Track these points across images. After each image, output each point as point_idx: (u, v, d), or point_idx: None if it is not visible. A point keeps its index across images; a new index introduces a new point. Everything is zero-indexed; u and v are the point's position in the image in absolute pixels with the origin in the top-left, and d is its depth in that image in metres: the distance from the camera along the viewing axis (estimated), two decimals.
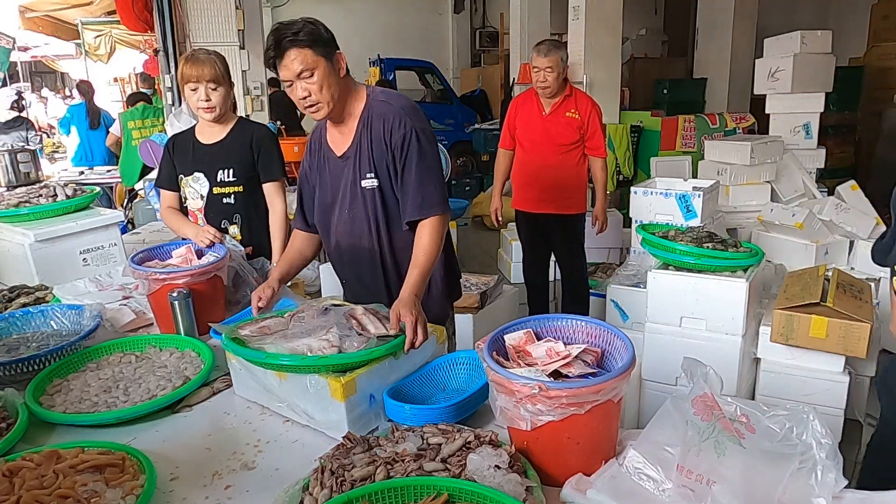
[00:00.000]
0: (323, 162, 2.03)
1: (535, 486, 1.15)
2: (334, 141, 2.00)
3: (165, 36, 5.40)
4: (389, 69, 10.13)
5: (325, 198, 2.04)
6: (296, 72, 1.77)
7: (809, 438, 1.12)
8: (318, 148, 2.05)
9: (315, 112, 1.84)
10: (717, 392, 1.19)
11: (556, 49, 3.63)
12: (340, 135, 1.98)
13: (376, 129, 1.90)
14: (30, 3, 8.28)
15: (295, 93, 1.81)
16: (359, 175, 1.94)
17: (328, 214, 2.05)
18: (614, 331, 1.39)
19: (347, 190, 1.97)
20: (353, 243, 2.02)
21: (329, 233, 2.08)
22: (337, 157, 1.99)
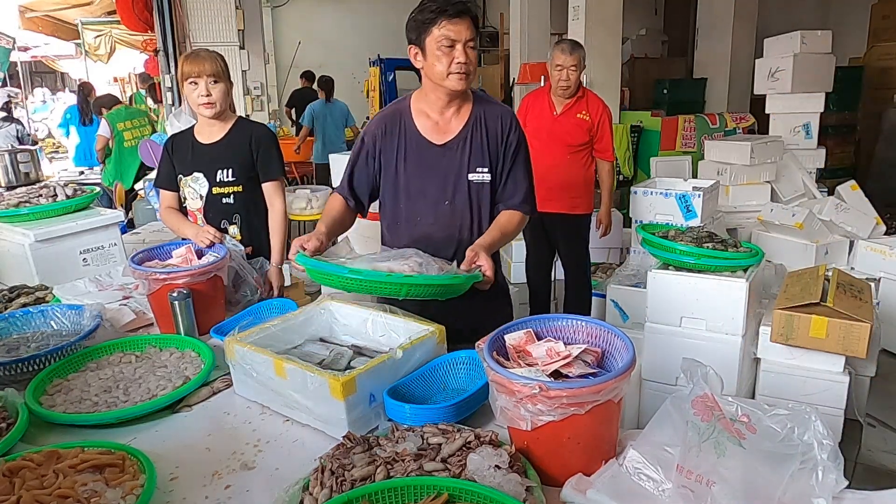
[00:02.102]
0: (410, 148, 1.95)
1: (535, 486, 1.15)
2: (428, 129, 1.95)
3: (165, 36, 5.40)
4: (389, 69, 10.13)
5: (413, 185, 1.96)
6: (466, 37, 1.79)
7: (811, 439, 1.12)
8: (401, 132, 1.96)
9: (462, 80, 1.83)
10: (718, 392, 1.19)
11: (578, 47, 3.64)
12: (437, 124, 1.94)
13: (492, 127, 1.94)
14: (30, 3, 8.29)
15: (452, 54, 1.80)
16: (467, 167, 1.93)
17: (415, 202, 1.97)
18: (614, 331, 1.39)
19: (451, 181, 1.93)
20: (451, 234, 1.96)
21: (412, 220, 1.98)
22: (437, 145, 1.94)
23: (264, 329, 1.73)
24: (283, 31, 12.60)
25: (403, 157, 1.95)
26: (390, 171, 1.97)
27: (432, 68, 1.84)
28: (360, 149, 2.02)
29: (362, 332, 1.83)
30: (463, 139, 1.93)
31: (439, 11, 1.78)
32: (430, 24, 1.80)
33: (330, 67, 12.44)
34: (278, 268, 2.51)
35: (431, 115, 1.95)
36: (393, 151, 1.96)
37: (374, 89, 10.39)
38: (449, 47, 1.79)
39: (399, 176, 1.96)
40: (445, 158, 1.93)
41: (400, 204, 1.99)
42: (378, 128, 1.98)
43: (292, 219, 5.27)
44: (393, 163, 1.96)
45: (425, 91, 1.96)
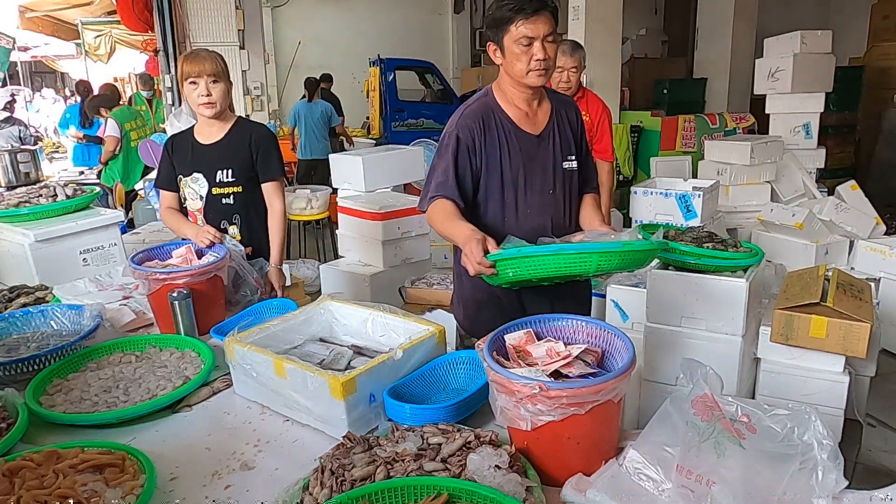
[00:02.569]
0: (511, 140, 1.93)
1: (535, 486, 1.15)
2: (520, 119, 1.95)
3: (165, 36, 5.41)
4: (389, 69, 10.13)
5: (513, 176, 1.94)
6: (544, 32, 1.79)
7: (811, 439, 1.12)
8: (498, 125, 1.93)
9: (542, 77, 1.84)
10: (718, 392, 1.19)
11: (578, 48, 3.63)
12: (528, 115, 1.96)
13: (569, 116, 2.02)
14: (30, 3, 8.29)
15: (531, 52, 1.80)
16: (561, 156, 1.98)
17: (523, 193, 1.95)
18: (614, 331, 1.39)
19: (550, 170, 1.97)
20: (557, 223, 1.99)
21: (522, 212, 1.96)
22: (533, 136, 1.96)
23: (264, 329, 1.73)
24: (284, 31, 12.61)
25: (507, 150, 1.93)
26: (494, 165, 1.94)
27: (512, 66, 1.85)
28: (456, 148, 1.91)
29: (362, 332, 1.83)
30: (552, 129, 1.98)
31: (516, 10, 1.78)
32: (507, 24, 1.80)
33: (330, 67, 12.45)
34: (278, 268, 2.51)
35: (521, 107, 1.95)
36: (495, 145, 1.93)
37: (374, 89, 10.39)
38: (527, 45, 1.80)
39: (504, 169, 1.94)
40: (542, 148, 1.96)
41: (507, 198, 1.95)
42: (474, 123, 1.92)
43: (292, 219, 5.28)
44: (497, 156, 1.93)
45: (505, 85, 1.96)
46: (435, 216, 1.89)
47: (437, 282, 3.32)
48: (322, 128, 7.70)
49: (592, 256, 1.49)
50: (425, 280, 3.36)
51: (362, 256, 4.01)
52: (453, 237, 1.79)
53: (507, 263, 1.56)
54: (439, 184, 1.91)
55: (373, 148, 4.99)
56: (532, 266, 1.53)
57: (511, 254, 1.55)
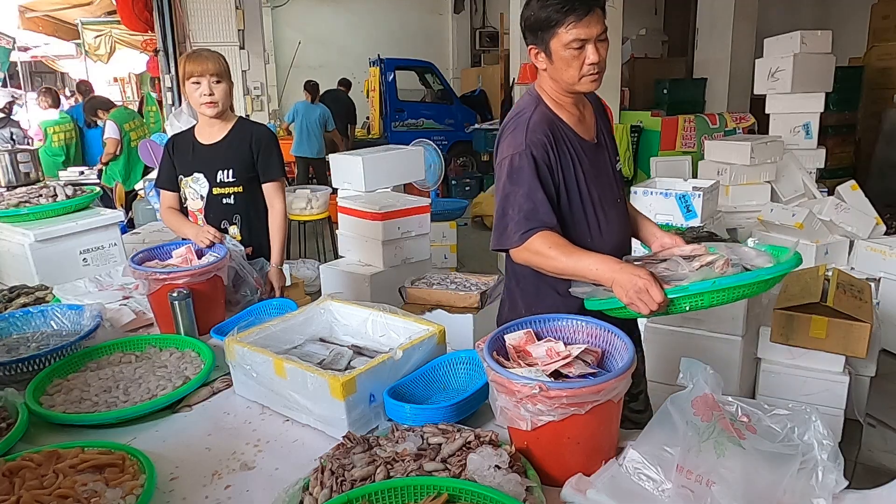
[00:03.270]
0: (577, 151, 1.73)
1: (535, 486, 1.15)
2: (577, 125, 1.77)
3: (165, 36, 5.41)
4: (389, 69, 10.14)
5: (592, 189, 1.74)
6: (597, 32, 1.60)
7: (811, 439, 1.12)
8: (563, 136, 1.72)
9: (595, 82, 1.67)
10: (718, 392, 1.19)
11: None
12: (580, 120, 1.78)
13: (603, 113, 1.89)
14: (30, 3, 8.29)
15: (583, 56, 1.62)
16: (614, 159, 1.85)
17: (599, 208, 1.75)
18: (614, 331, 1.39)
19: (612, 177, 1.81)
20: (629, 236, 1.86)
21: (604, 228, 1.76)
22: (591, 142, 1.79)
23: (264, 329, 1.73)
24: (283, 31, 12.61)
25: (578, 162, 1.72)
26: (571, 179, 1.72)
27: (560, 72, 1.66)
28: (534, 168, 1.66)
29: (362, 332, 1.83)
30: (600, 130, 1.83)
31: (566, 11, 1.57)
32: (555, 26, 1.59)
33: (330, 67, 12.48)
34: (278, 268, 2.51)
35: (573, 112, 1.77)
36: (567, 159, 1.72)
37: (374, 89, 10.40)
38: (579, 49, 1.61)
39: (580, 184, 1.73)
40: (600, 154, 1.80)
41: (588, 216, 1.74)
42: (545, 136, 1.69)
43: (292, 219, 5.28)
44: (571, 170, 1.72)
45: (549, 88, 1.75)
46: (545, 253, 1.60)
47: (437, 282, 3.31)
48: (318, 129, 8.11)
49: (769, 282, 1.41)
50: (425, 280, 3.35)
51: (362, 256, 4.01)
52: (587, 273, 1.54)
53: (687, 299, 1.41)
54: (528, 213, 1.63)
55: (373, 148, 4.99)
56: (714, 298, 1.41)
57: (701, 287, 1.39)
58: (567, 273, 1.60)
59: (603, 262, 1.52)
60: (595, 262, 1.53)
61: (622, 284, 1.45)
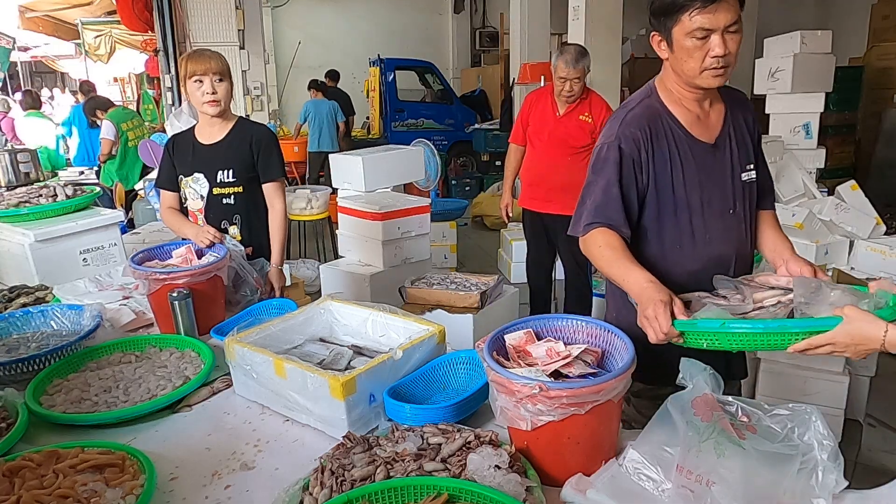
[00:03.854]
0: (682, 150, 1.60)
1: (535, 485, 1.15)
2: (692, 123, 1.62)
3: (165, 36, 5.41)
4: (389, 69, 10.14)
5: (687, 194, 1.60)
6: (725, 22, 1.45)
7: (811, 439, 1.12)
8: (667, 132, 1.61)
9: (719, 77, 1.52)
10: (718, 393, 1.19)
11: (583, 57, 3.56)
12: (699, 118, 1.63)
13: (745, 116, 1.70)
14: (30, 3, 8.29)
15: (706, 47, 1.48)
16: (739, 167, 1.65)
17: (700, 215, 1.62)
18: (614, 331, 1.40)
19: (729, 185, 1.64)
20: (739, 249, 1.66)
21: (702, 238, 1.62)
22: (707, 144, 1.62)
23: (264, 329, 1.73)
24: (283, 31, 12.62)
25: (679, 162, 1.60)
26: (665, 181, 1.60)
27: (682, 64, 1.53)
28: (619, 162, 1.59)
29: (362, 332, 1.83)
30: (728, 133, 1.65)
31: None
32: (679, 11, 1.47)
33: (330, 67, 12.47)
34: (279, 268, 2.51)
35: (691, 109, 1.63)
36: (665, 157, 1.59)
37: (374, 89, 10.41)
38: (702, 39, 1.47)
39: (677, 186, 1.60)
40: (718, 159, 1.63)
41: (681, 222, 1.62)
42: (639, 131, 1.60)
43: (292, 219, 5.28)
44: (667, 171, 1.59)
45: (670, 83, 1.64)
46: (596, 251, 1.58)
47: (437, 282, 3.31)
48: (330, 123, 8.57)
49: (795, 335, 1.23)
50: (425, 280, 3.35)
51: (362, 256, 4.01)
52: (624, 285, 1.49)
53: (703, 335, 1.31)
54: (598, 206, 1.59)
55: (373, 148, 4.99)
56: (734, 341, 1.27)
57: (709, 327, 1.29)
58: (606, 275, 1.57)
59: (640, 280, 1.44)
60: (632, 277, 1.46)
61: (642, 303, 1.39)
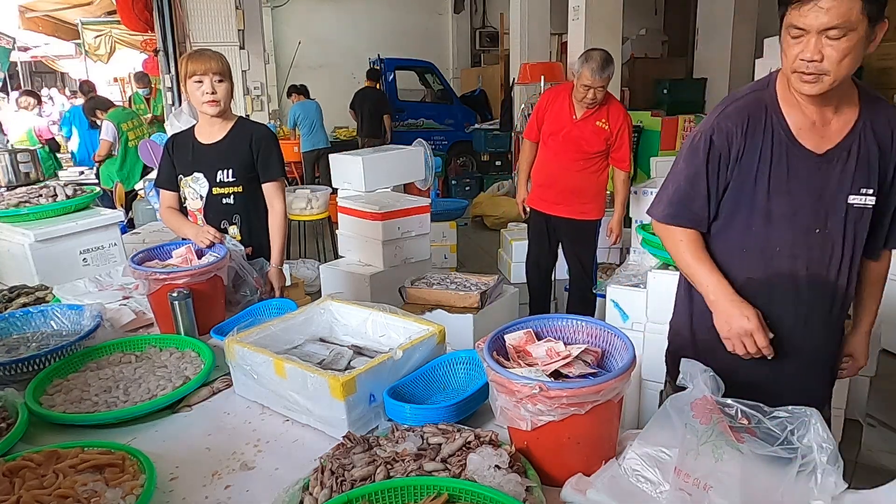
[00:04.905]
0: (779, 154, 1.49)
1: (534, 485, 1.15)
2: (802, 128, 1.49)
3: (165, 36, 5.40)
4: (389, 69, 10.14)
5: (777, 204, 1.51)
6: (823, 24, 1.30)
7: (810, 441, 1.12)
8: (768, 131, 1.49)
9: (806, 83, 1.38)
10: (718, 395, 1.19)
11: (609, 65, 3.45)
12: (815, 124, 1.48)
13: (882, 133, 1.47)
14: (30, 3, 8.29)
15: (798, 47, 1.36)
16: (849, 186, 1.48)
17: (776, 227, 1.52)
18: (614, 331, 1.40)
19: (826, 202, 1.49)
20: (818, 273, 1.53)
21: (769, 250, 1.54)
22: (815, 154, 1.48)
23: (264, 329, 1.73)
24: (283, 30, 12.61)
25: (769, 164, 1.49)
26: (748, 181, 1.52)
27: (783, 57, 1.42)
28: (707, 153, 1.52)
29: (362, 331, 1.83)
30: (847, 149, 1.47)
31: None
32: (786, 3, 1.36)
33: (329, 67, 12.47)
34: (278, 268, 2.51)
35: (807, 112, 1.48)
36: (755, 156, 1.50)
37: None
38: (797, 38, 1.35)
39: (759, 191, 1.51)
40: (822, 172, 1.48)
41: (754, 225, 1.54)
42: (735, 125, 1.50)
43: (292, 219, 5.29)
44: (753, 171, 1.50)
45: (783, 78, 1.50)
46: (674, 246, 1.59)
47: (436, 282, 3.31)
48: (320, 122, 8.63)
49: None
50: (425, 280, 3.35)
51: (362, 256, 4.01)
52: (699, 282, 1.51)
53: None
54: (683, 198, 1.57)
55: (372, 148, 4.99)
56: None
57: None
58: (683, 269, 1.59)
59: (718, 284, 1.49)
60: (709, 279, 1.51)
61: (727, 316, 1.42)
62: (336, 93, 11.25)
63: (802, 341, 1.58)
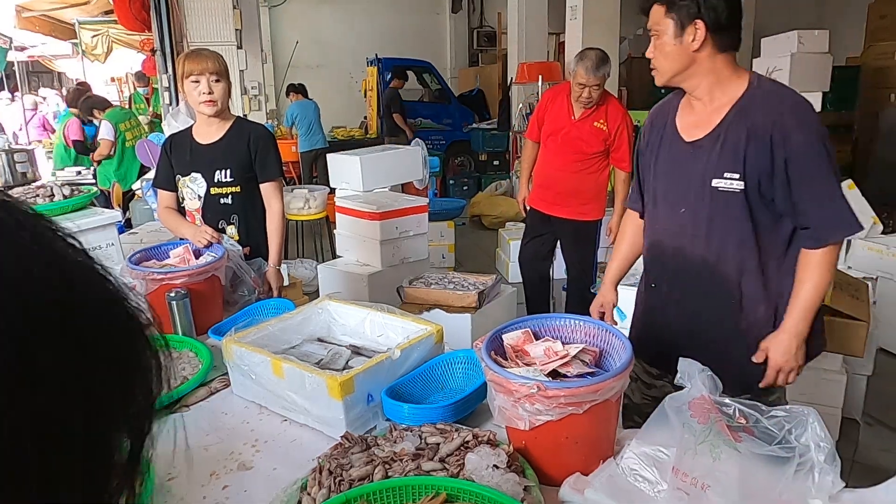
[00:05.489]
0: (661, 143, 1.76)
1: (533, 485, 1.15)
2: (685, 123, 1.72)
3: (163, 36, 5.39)
4: (387, 69, 10.13)
5: (659, 187, 1.77)
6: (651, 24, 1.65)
7: (808, 440, 1.12)
8: (662, 126, 1.77)
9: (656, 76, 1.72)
10: (715, 394, 1.19)
11: (604, 64, 3.45)
12: (704, 119, 1.67)
13: (760, 123, 1.57)
14: (26, 3, 8.26)
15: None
16: (712, 172, 1.63)
17: (656, 206, 1.79)
18: (612, 330, 1.40)
19: (690, 186, 1.68)
20: (680, 246, 1.73)
21: (651, 225, 1.84)
22: (685, 141, 1.70)
23: (262, 329, 1.73)
24: (281, 30, 12.60)
25: (656, 152, 1.77)
26: (649, 171, 1.80)
27: None
28: (637, 149, 1.85)
29: (360, 331, 1.83)
30: (716, 137, 1.63)
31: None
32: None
33: (327, 67, 12.46)
34: (276, 268, 2.51)
35: (696, 107, 1.71)
36: (652, 147, 1.79)
37: (372, 89, 10.39)
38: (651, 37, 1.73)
39: (651, 177, 1.79)
40: (692, 158, 1.67)
41: (649, 207, 1.84)
42: (650, 121, 1.82)
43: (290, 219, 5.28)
44: (651, 162, 1.79)
45: None
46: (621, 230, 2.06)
47: (435, 281, 3.31)
48: (317, 121, 8.63)
49: None
50: (423, 280, 3.35)
51: (360, 256, 4.01)
52: None
53: None
54: (635, 186, 1.92)
55: (370, 147, 4.99)
56: None
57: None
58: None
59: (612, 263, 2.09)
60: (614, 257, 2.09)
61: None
62: (334, 92, 11.27)
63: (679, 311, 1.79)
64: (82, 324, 0.34)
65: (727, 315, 1.70)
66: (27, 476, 0.30)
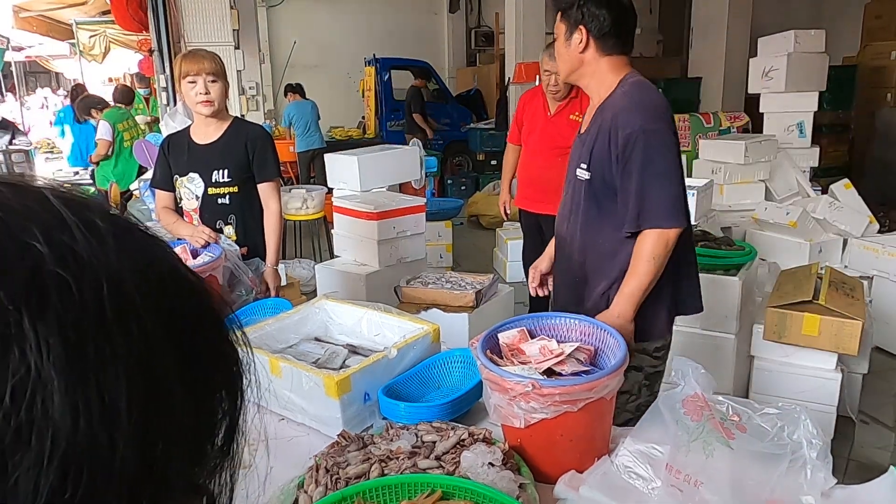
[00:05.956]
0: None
1: (528, 483, 1.16)
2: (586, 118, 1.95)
3: (160, 36, 5.39)
4: (385, 69, 10.13)
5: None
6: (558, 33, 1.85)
7: (800, 437, 1.13)
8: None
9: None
10: (709, 392, 1.20)
11: None
12: (589, 114, 1.93)
13: (608, 120, 1.75)
14: (24, 3, 8.26)
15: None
16: (577, 161, 1.90)
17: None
18: (607, 329, 1.41)
19: (572, 171, 1.95)
20: (559, 224, 2.02)
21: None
22: (579, 134, 1.97)
23: (259, 328, 1.73)
24: (279, 30, 12.59)
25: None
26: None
27: None
28: None
29: (357, 330, 1.84)
30: (587, 131, 1.87)
31: None
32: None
33: (325, 67, 12.45)
34: (274, 268, 2.51)
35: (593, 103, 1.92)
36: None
37: (370, 89, 10.40)
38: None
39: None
40: (574, 149, 1.96)
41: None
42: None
43: (287, 218, 5.28)
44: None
45: None
46: None
47: (432, 281, 3.32)
48: (314, 121, 8.59)
49: None
50: (421, 279, 3.36)
51: (358, 256, 4.01)
52: None
53: None
54: None
55: (368, 147, 4.99)
56: None
57: None
58: None
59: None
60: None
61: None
62: (332, 92, 11.25)
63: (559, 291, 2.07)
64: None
65: (575, 293, 1.93)
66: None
